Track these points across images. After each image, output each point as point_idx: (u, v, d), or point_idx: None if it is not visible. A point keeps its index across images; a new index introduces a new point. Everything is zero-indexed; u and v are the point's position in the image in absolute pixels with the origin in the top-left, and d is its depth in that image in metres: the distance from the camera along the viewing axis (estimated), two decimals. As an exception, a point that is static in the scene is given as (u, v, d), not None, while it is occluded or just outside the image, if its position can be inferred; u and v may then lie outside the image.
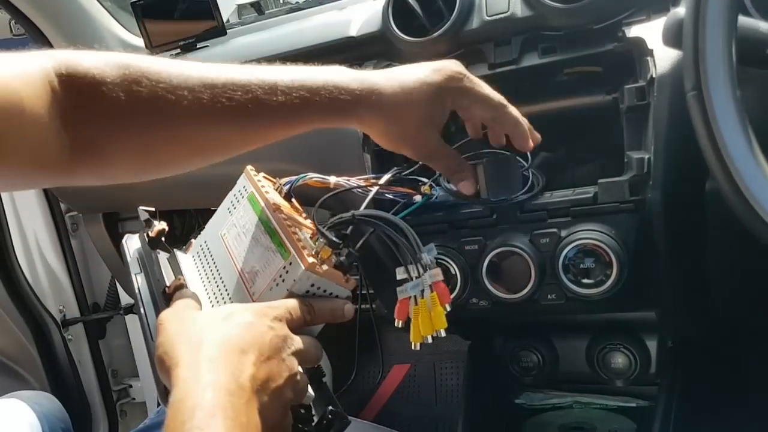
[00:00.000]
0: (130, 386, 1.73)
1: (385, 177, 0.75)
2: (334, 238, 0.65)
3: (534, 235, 0.72)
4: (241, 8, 1.53)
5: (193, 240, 0.76)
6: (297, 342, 0.59)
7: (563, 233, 0.71)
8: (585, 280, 0.69)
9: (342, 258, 0.64)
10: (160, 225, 0.71)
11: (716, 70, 0.48)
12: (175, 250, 0.73)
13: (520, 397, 1.01)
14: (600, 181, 0.70)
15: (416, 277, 0.66)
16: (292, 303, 0.61)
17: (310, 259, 0.61)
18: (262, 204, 0.68)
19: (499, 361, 0.97)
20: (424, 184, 0.76)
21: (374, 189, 0.74)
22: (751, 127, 0.49)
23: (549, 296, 0.72)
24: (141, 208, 0.72)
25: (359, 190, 0.74)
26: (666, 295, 0.71)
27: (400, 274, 0.70)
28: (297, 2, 1.50)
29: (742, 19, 0.53)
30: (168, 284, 0.65)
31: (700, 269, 0.71)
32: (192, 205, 1.28)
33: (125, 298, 1.61)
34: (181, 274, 0.68)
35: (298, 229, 0.65)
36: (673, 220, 0.67)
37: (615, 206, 0.69)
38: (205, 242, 0.73)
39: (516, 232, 0.73)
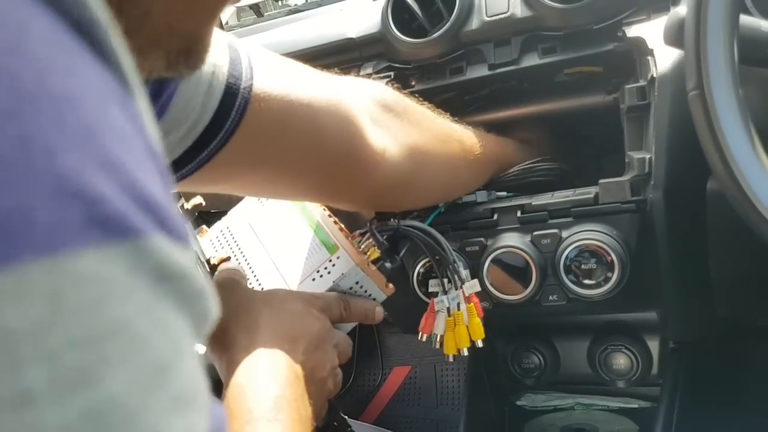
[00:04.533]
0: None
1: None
2: (383, 241, 0.66)
3: (535, 236, 0.72)
4: (240, 11, 1.53)
5: (204, 227, 0.76)
6: (337, 336, 0.60)
7: (564, 234, 0.70)
8: (586, 281, 0.69)
9: (387, 263, 0.65)
10: (196, 199, 0.71)
11: (718, 69, 0.47)
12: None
13: (521, 398, 1.01)
14: (601, 181, 0.70)
15: (453, 290, 0.67)
16: (333, 297, 0.62)
17: (361, 256, 0.62)
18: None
19: (500, 363, 0.97)
20: None
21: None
22: (754, 126, 0.48)
23: (550, 297, 0.72)
24: None
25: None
26: (668, 295, 0.71)
27: (432, 286, 0.70)
28: (296, 4, 1.50)
29: (744, 18, 0.53)
30: (208, 258, 0.65)
31: (702, 269, 0.71)
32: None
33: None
34: (203, 253, 0.68)
35: (343, 229, 0.66)
36: (675, 220, 0.67)
37: (616, 206, 0.69)
38: (228, 228, 0.74)
39: (517, 233, 0.73)
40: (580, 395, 0.96)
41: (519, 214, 0.73)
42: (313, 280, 0.63)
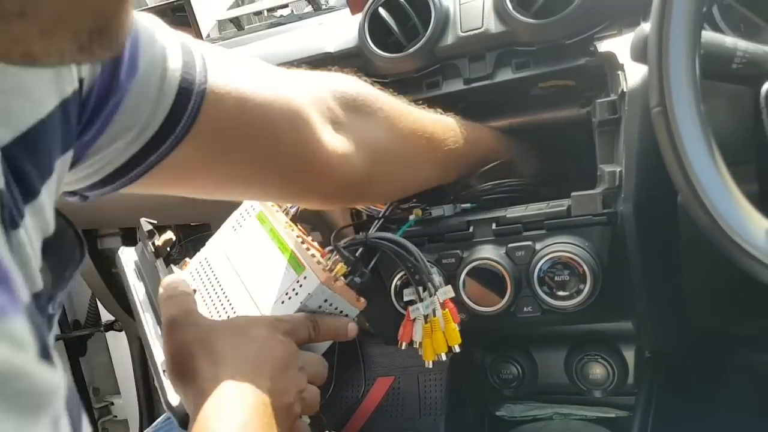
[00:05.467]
0: (112, 404, 1.72)
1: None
2: (349, 256, 0.66)
3: (510, 248, 0.72)
4: (221, 24, 1.53)
5: (188, 260, 0.76)
6: (303, 358, 0.59)
7: (538, 246, 0.71)
8: (560, 293, 0.70)
9: (356, 277, 0.65)
10: (167, 235, 0.71)
11: (679, 85, 0.48)
12: (171, 265, 0.73)
13: (500, 409, 1.01)
14: (573, 194, 0.71)
15: (428, 297, 0.68)
16: (299, 318, 0.61)
17: (327, 274, 0.62)
18: (273, 222, 0.69)
19: (479, 373, 0.98)
20: (417, 207, 0.77)
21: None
22: (721, 139, 0.49)
23: (525, 309, 0.73)
24: (143, 219, 0.73)
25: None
26: (641, 306, 0.72)
27: (407, 295, 0.71)
28: (278, 17, 1.51)
29: (708, 35, 0.54)
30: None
31: (675, 280, 0.72)
32: (173, 221, 1.28)
33: (105, 315, 1.59)
34: None
35: (311, 247, 0.66)
36: (646, 231, 0.68)
37: (588, 219, 0.70)
38: (206, 259, 0.74)
39: (492, 245, 0.74)
40: (558, 405, 0.97)
41: (494, 226, 0.74)
42: (283, 302, 0.63)
